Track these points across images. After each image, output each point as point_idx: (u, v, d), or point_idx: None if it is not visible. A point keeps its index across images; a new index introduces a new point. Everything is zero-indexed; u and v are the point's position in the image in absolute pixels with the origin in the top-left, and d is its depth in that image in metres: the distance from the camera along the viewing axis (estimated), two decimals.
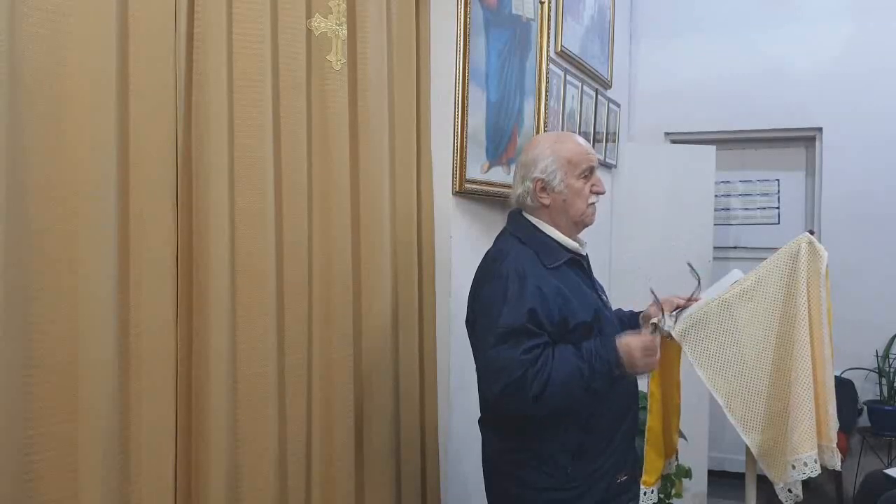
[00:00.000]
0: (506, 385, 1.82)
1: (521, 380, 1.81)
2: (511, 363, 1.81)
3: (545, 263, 1.93)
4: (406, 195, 2.43)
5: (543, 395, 1.81)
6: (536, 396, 1.81)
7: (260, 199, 1.90)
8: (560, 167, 1.97)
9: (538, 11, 3.18)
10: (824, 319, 2.05)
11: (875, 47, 4.56)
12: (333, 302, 2.13)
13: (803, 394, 1.98)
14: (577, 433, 1.93)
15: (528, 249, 1.95)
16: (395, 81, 2.38)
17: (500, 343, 1.83)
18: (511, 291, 1.86)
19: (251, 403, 1.88)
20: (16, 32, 1.43)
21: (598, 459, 1.96)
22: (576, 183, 1.99)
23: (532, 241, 1.98)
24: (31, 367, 1.46)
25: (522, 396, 1.82)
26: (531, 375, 1.81)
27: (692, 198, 4.48)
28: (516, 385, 1.81)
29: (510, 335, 1.83)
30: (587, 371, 1.84)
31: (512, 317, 1.83)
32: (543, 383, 1.81)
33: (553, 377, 1.81)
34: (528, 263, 1.91)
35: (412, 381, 2.44)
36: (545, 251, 1.95)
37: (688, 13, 4.94)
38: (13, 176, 1.42)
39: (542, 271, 1.90)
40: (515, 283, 1.86)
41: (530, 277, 1.87)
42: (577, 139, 2.07)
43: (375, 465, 2.28)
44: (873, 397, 4.46)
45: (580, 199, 1.99)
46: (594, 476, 1.96)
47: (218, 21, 1.81)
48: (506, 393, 1.83)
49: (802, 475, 1.97)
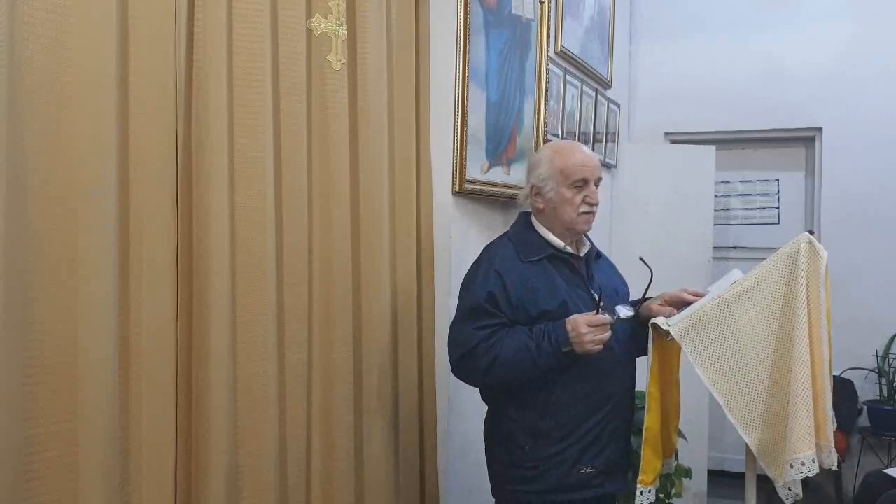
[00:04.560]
0: (461, 355, 2.06)
1: (473, 351, 2.02)
2: (467, 336, 2.04)
3: (521, 258, 2.10)
4: (406, 195, 2.43)
5: (493, 368, 2.00)
6: (486, 369, 2.01)
7: (260, 199, 1.90)
8: (552, 176, 2.11)
9: (538, 11, 3.18)
10: (824, 319, 2.05)
11: (875, 47, 4.56)
12: (333, 301, 2.13)
13: (802, 393, 1.98)
14: (533, 415, 2.07)
15: (510, 244, 2.14)
16: (395, 81, 2.38)
17: (463, 319, 2.08)
18: (478, 277, 2.08)
19: (251, 403, 1.88)
20: (16, 32, 1.43)
21: (557, 444, 2.06)
22: (566, 192, 2.10)
23: (516, 238, 2.16)
24: (31, 366, 1.46)
25: (474, 366, 2.04)
26: (483, 349, 2.01)
27: (692, 198, 4.48)
28: (469, 355, 2.03)
29: (470, 313, 2.06)
30: (534, 348, 1.99)
31: (474, 297, 2.06)
32: (493, 357, 2.00)
33: (502, 352, 2.00)
34: (502, 256, 2.10)
35: (412, 380, 2.44)
36: (525, 247, 2.12)
37: (687, 13, 4.94)
38: (13, 176, 1.42)
39: (514, 264, 2.08)
40: (482, 271, 2.09)
41: (498, 267, 2.07)
42: (579, 152, 2.15)
43: (375, 465, 2.28)
44: (873, 397, 4.46)
45: (569, 208, 2.10)
46: (552, 460, 2.06)
47: (218, 21, 1.81)
48: (461, 362, 2.07)
49: (800, 474, 1.97)
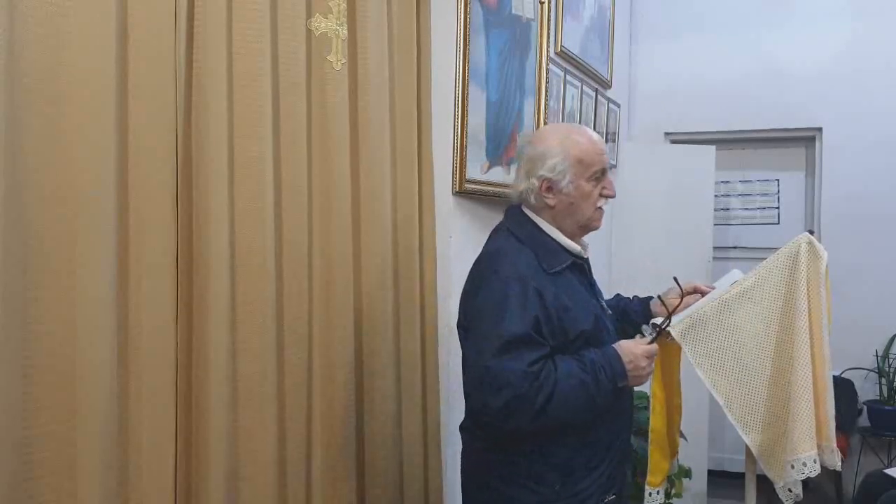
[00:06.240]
0: (509, 400, 1.68)
1: (525, 395, 1.68)
2: (515, 377, 1.68)
3: (545, 268, 1.80)
4: (406, 195, 2.43)
5: (547, 409, 1.70)
6: (539, 412, 1.69)
7: (260, 199, 1.89)
8: (570, 167, 1.82)
9: (538, 11, 3.18)
10: (824, 319, 2.05)
11: (875, 47, 4.56)
12: (334, 301, 2.12)
13: (803, 394, 1.98)
14: (569, 450, 1.81)
15: (528, 250, 1.82)
16: (396, 81, 2.38)
17: (503, 353, 1.69)
18: (512, 297, 1.72)
19: (251, 403, 1.88)
20: (15, 32, 1.42)
21: (587, 478, 1.84)
22: (585, 185, 1.84)
23: (531, 242, 1.84)
24: (30, 366, 1.46)
25: (526, 411, 1.70)
26: (535, 390, 1.68)
27: (692, 198, 4.48)
28: (520, 400, 1.68)
29: (513, 345, 1.69)
30: (592, 384, 1.73)
31: (515, 325, 1.70)
32: (547, 397, 1.69)
33: (557, 391, 1.70)
34: (528, 267, 1.78)
35: (413, 380, 2.44)
36: (546, 254, 1.82)
37: (688, 13, 4.94)
38: (12, 176, 1.42)
39: (542, 276, 1.77)
40: (516, 287, 1.73)
41: (531, 281, 1.74)
42: (590, 135, 1.91)
43: (377, 466, 2.28)
44: (873, 397, 4.46)
45: (588, 204, 1.86)
46: (582, 495, 1.84)
47: (218, 21, 1.81)
48: (509, 408, 1.69)
49: (802, 475, 1.97)
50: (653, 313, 2.11)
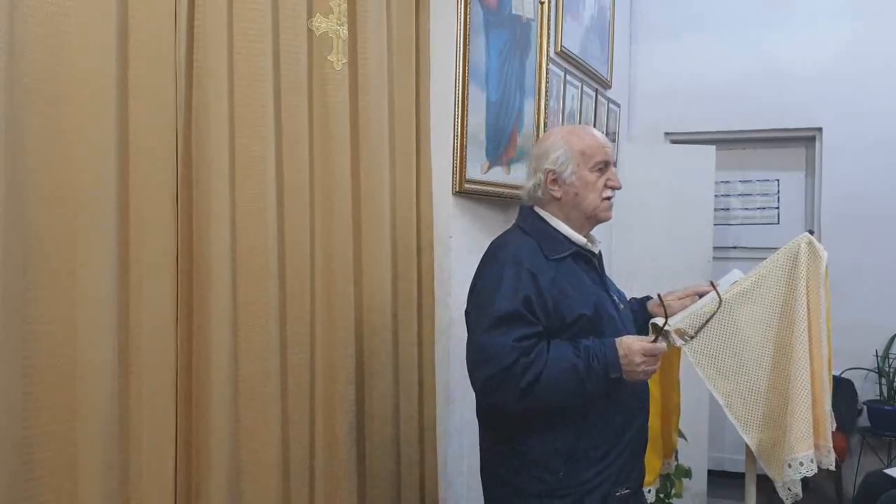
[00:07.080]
0: (494, 373, 1.73)
1: (511, 368, 1.71)
2: (503, 349, 1.72)
3: (546, 254, 1.85)
4: (406, 195, 2.43)
5: (533, 388, 1.71)
6: (525, 389, 1.71)
7: (260, 199, 1.89)
8: (572, 158, 1.89)
9: (538, 11, 3.18)
10: (823, 320, 2.05)
11: (875, 47, 4.56)
12: (334, 301, 2.12)
13: (801, 393, 1.98)
14: (570, 437, 1.82)
15: (531, 239, 1.88)
16: (396, 81, 2.38)
17: (493, 329, 1.74)
18: (506, 277, 1.78)
19: (254, 404, 1.88)
20: (16, 32, 1.42)
21: (594, 467, 1.83)
22: (589, 175, 1.90)
23: (536, 232, 1.90)
24: (30, 366, 1.46)
25: (510, 386, 1.72)
26: (522, 365, 1.71)
27: (692, 198, 4.48)
28: (505, 373, 1.72)
29: (504, 321, 1.74)
30: (583, 369, 1.74)
31: (506, 302, 1.75)
32: (535, 375, 1.71)
33: (546, 371, 1.72)
34: (527, 252, 1.84)
35: (412, 379, 2.44)
36: (548, 242, 1.88)
37: (688, 13, 4.94)
38: (12, 176, 1.42)
39: (541, 261, 1.83)
40: (511, 269, 1.79)
41: (526, 264, 1.80)
42: (592, 132, 1.99)
43: (376, 464, 2.28)
44: (873, 397, 4.47)
45: (593, 193, 1.91)
46: (589, 485, 1.82)
47: (218, 21, 1.81)
48: (493, 380, 1.74)
49: (799, 474, 1.98)
50: (650, 314, 2.11)
